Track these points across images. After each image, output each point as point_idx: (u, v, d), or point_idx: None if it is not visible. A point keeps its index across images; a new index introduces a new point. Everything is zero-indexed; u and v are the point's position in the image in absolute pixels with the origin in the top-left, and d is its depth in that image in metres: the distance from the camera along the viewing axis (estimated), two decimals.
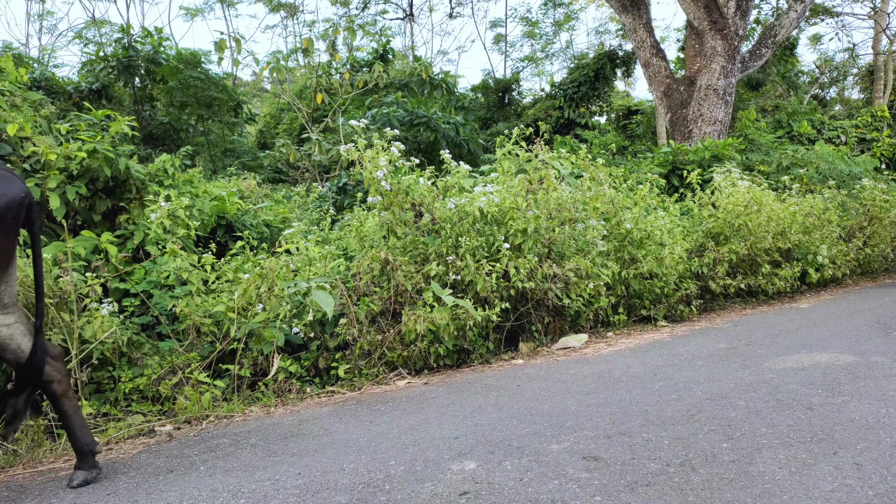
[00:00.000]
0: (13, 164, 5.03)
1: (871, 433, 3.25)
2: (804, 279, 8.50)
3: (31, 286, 3.90)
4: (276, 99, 21.02)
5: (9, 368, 3.89)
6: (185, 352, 4.50)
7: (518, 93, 24.47)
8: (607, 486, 2.78)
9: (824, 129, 17.96)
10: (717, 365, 4.87)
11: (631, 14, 14.09)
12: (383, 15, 28.34)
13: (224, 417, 4.19)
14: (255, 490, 2.97)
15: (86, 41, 20.56)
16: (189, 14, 29.47)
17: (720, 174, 8.72)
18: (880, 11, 23.43)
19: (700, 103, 13.08)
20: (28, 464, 3.46)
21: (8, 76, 5.77)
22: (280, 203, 10.06)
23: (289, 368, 4.74)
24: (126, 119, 5.70)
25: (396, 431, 3.72)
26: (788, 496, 2.60)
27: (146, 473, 3.25)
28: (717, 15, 13.00)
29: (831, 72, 27.94)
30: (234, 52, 8.66)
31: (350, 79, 14.64)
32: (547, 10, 29.82)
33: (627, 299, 6.84)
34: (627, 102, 25.96)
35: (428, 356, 5.15)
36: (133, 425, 3.97)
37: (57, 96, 13.84)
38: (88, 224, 5.42)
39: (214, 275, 4.93)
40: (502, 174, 6.66)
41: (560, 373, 4.90)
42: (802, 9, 13.91)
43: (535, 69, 31.21)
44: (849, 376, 4.33)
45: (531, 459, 3.13)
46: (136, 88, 15.27)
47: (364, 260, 5.38)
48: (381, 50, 18.01)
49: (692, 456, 3.07)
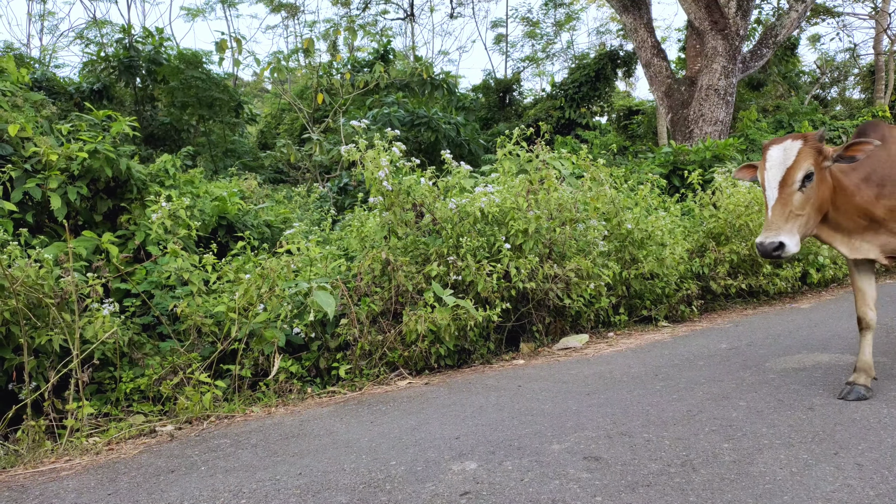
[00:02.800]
0: (14, 165, 5.04)
1: (872, 433, 3.24)
2: (805, 279, 8.49)
3: (33, 286, 3.91)
4: (276, 99, 21.03)
5: (10, 368, 3.89)
6: (186, 352, 4.50)
7: (519, 93, 24.47)
8: (608, 486, 2.78)
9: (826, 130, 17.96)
10: (718, 365, 4.86)
11: (632, 14, 14.08)
12: (384, 15, 28.36)
13: (225, 418, 4.20)
14: (255, 490, 2.97)
15: (87, 41, 20.58)
16: (190, 14, 29.49)
17: (721, 174, 8.72)
18: (881, 11, 23.41)
19: (701, 103, 13.08)
20: (29, 464, 3.46)
21: (9, 76, 5.78)
22: (281, 203, 10.06)
23: (290, 369, 4.75)
24: (127, 119, 5.71)
25: (397, 432, 3.72)
26: (789, 496, 2.60)
27: (147, 473, 3.26)
28: (718, 15, 13.00)
29: (832, 72, 27.93)
30: (234, 53, 8.70)
31: (351, 79, 14.64)
32: (548, 10, 29.83)
33: (628, 300, 6.84)
34: (628, 102, 25.97)
35: (429, 356, 5.15)
36: (134, 425, 3.97)
37: (58, 97, 13.85)
38: (89, 224, 5.42)
39: (215, 275, 4.94)
40: (503, 174, 6.66)
41: (561, 373, 4.90)
42: (803, 9, 13.89)
43: (535, 69, 31.24)
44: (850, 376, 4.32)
45: (532, 460, 3.13)
46: (137, 89, 15.28)
47: (365, 260, 5.38)
48: (381, 50, 18.02)
49: (693, 456, 3.06)
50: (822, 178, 3.53)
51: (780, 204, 3.43)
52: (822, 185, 3.52)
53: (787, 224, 3.40)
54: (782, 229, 3.38)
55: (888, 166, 3.69)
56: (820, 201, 3.53)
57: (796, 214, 3.44)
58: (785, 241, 3.36)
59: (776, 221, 3.40)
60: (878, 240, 3.77)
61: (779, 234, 3.36)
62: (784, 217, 3.42)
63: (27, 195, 5.03)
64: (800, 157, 3.47)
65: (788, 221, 3.41)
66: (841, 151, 3.51)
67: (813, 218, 3.54)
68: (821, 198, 3.53)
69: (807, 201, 3.47)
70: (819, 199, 3.52)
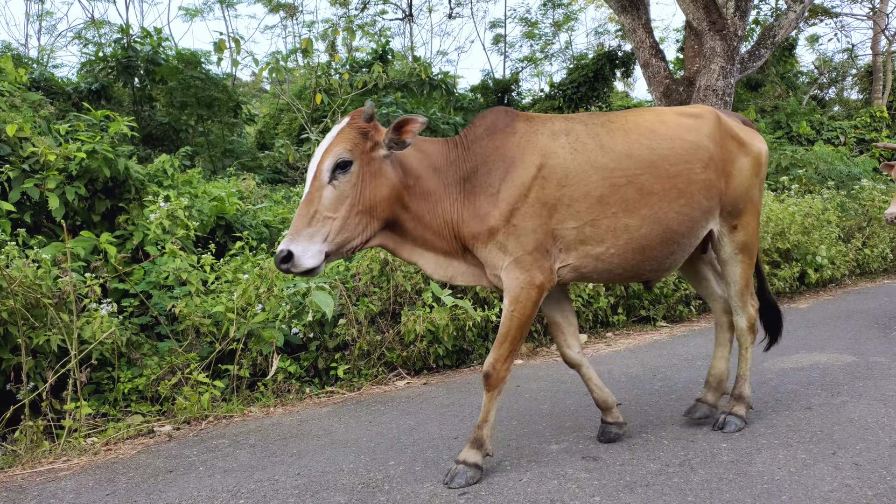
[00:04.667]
0: (12, 165, 5.03)
1: (870, 433, 3.25)
2: (803, 280, 8.50)
3: (31, 286, 3.90)
4: (275, 99, 21.01)
5: (7, 368, 3.89)
6: (185, 352, 4.50)
7: (517, 93, 24.46)
8: (606, 486, 2.78)
9: (823, 130, 17.98)
10: None
11: (630, 14, 14.09)
12: (382, 15, 28.32)
13: (223, 418, 4.19)
14: (254, 490, 2.97)
15: (85, 42, 20.52)
16: (188, 15, 29.43)
17: None
18: (879, 12, 23.45)
19: (699, 104, 13.09)
20: (27, 464, 3.45)
21: (7, 76, 5.77)
22: (279, 203, 10.05)
23: (288, 369, 4.74)
24: (125, 119, 5.70)
25: (396, 432, 3.72)
26: (787, 496, 2.60)
27: (145, 474, 3.25)
28: (717, 15, 13.01)
29: (830, 72, 27.96)
30: (233, 53, 8.72)
31: (349, 79, 14.62)
32: (546, 10, 29.81)
33: (626, 300, 6.84)
34: (627, 103, 25.97)
35: (427, 356, 5.16)
36: (132, 426, 3.97)
37: (56, 97, 13.82)
38: (87, 224, 5.41)
39: (214, 275, 4.93)
40: None
41: (559, 373, 4.90)
42: (801, 9, 13.91)
43: (534, 70, 31.21)
44: (848, 376, 4.34)
45: (530, 460, 3.13)
46: (136, 89, 15.26)
47: (363, 260, 5.38)
48: (380, 50, 18.01)
49: (691, 456, 3.07)
50: (373, 171, 2.69)
51: (305, 202, 2.64)
52: (374, 180, 2.69)
53: (307, 229, 2.59)
54: (299, 235, 2.57)
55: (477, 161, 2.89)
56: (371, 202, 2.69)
57: (324, 217, 2.61)
58: (294, 250, 2.54)
59: (294, 225, 2.60)
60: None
61: (291, 242, 2.55)
62: (306, 220, 2.60)
63: (25, 195, 5.03)
64: (335, 142, 2.66)
65: (311, 226, 2.60)
66: (391, 133, 2.69)
67: (357, 223, 2.67)
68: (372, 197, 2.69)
69: (342, 200, 2.63)
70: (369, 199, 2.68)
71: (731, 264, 3.37)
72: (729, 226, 3.32)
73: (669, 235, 3.04)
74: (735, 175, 3.28)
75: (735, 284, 3.39)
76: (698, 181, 3.09)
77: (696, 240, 3.23)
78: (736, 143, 3.32)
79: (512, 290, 2.84)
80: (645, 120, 3.12)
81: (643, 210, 2.96)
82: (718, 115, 3.35)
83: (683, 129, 3.15)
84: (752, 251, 3.41)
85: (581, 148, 2.93)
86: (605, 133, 3.00)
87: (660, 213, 2.99)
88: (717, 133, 3.24)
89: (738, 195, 3.29)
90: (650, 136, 3.05)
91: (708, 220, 3.22)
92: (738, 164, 3.30)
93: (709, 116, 3.29)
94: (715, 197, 3.19)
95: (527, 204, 2.82)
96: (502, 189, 2.83)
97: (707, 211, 3.17)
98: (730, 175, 3.26)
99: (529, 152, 2.87)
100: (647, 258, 3.05)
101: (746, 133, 3.43)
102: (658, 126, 3.11)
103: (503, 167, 2.85)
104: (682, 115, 3.26)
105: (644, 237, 2.98)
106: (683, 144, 3.09)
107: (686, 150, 3.08)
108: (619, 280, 3.27)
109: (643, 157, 2.98)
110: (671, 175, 3.02)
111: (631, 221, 2.94)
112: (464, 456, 2.92)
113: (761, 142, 3.46)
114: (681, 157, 3.06)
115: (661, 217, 3.00)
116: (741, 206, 3.31)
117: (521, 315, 2.84)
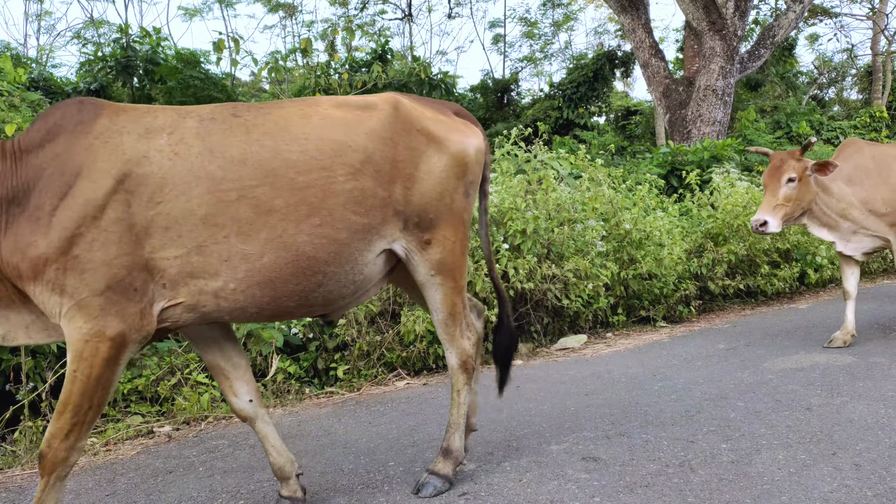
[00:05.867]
0: None
1: (870, 434, 3.25)
2: (803, 280, 8.50)
3: None
4: (274, 99, 21.01)
5: (7, 368, 3.88)
6: (184, 352, 4.50)
7: (517, 93, 24.46)
8: (606, 486, 2.78)
9: (823, 130, 17.97)
10: (715, 366, 4.87)
11: (630, 14, 14.09)
12: (382, 15, 28.32)
13: (223, 418, 4.19)
14: (254, 491, 2.96)
15: (84, 41, 20.52)
16: (187, 14, 29.41)
17: (719, 175, 8.72)
18: (878, 12, 23.45)
19: (699, 104, 13.09)
20: (27, 465, 3.45)
21: (6, 76, 5.77)
22: None
23: (288, 369, 4.74)
24: None
25: (395, 432, 3.72)
26: (787, 497, 2.60)
27: (145, 474, 3.25)
28: (716, 15, 13.01)
29: (830, 72, 27.97)
30: (232, 53, 8.73)
31: (349, 79, 14.62)
32: (546, 10, 29.81)
33: (626, 300, 6.84)
34: (626, 103, 25.97)
35: (427, 357, 5.15)
36: (132, 426, 3.97)
37: (55, 96, 13.81)
38: None
39: None
40: (501, 174, 6.66)
41: (559, 373, 4.90)
42: (801, 9, 13.91)
43: (533, 69, 31.21)
44: (847, 377, 4.34)
45: (530, 460, 3.13)
46: (135, 88, 15.25)
47: None
48: (379, 50, 18.01)
49: (691, 457, 3.07)
50: None
51: None
52: None
53: None
54: None
55: None
56: None
57: None
58: None
59: None
60: None
61: None
62: None
63: None
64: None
65: None
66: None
67: None
68: None
69: None
70: None
71: (428, 288, 2.76)
72: (419, 241, 2.68)
73: (305, 264, 2.40)
74: (422, 179, 2.66)
75: (437, 312, 2.80)
76: (342, 192, 2.45)
77: (358, 265, 2.55)
78: (425, 138, 2.70)
79: (74, 343, 2.20)
80: (282, 115, 2.50)
81: (262, 233, 2.33)
82: (399, 105, 2.71)
83: (331, 125, 2.53)
84: (456, 271, 2.78)
85: (185, 151, 2.31)
86: (220, 131, 2.38)
87: (285, 237, 2.36)
88: (391, 128, 2.62)
89: (427, 203, 2.66)
90: (276, 136, 2.43)
91: (371, 239, 2.55)
92: (427, 165, 2.67)
93: (383, 108, 2.67)
94: (378, 210, 2.54)
95: (97, 228, 2.18)
96: (59, 210, 2.17)
97: (365, 229, 2.52)
98: (412, 179, 2.64)
99: (104, 158, 2.23)
100: (283, 294, 2.42)
101: (445, 126, 2.79)
102: (294, 122, 2.49)
103: (62, 181, 2.20)
104: (342, 106, 2.65)
105: (268, 268, 2.35)
106: (321, 146, 2.46)
107: (325, 154, 2.45)
108: (268, 319, 2.65)
109: (261, 164, 2.36)
110: (298, 186, 2.38)
111: (248, 248, 2.32)
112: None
113: (470, 136, 2.83)
114: (315, 163, 2.43)
115: (287, 242, 2.36)
116: (433, 216, 2.68)
117: (86, 377, 2.20)
